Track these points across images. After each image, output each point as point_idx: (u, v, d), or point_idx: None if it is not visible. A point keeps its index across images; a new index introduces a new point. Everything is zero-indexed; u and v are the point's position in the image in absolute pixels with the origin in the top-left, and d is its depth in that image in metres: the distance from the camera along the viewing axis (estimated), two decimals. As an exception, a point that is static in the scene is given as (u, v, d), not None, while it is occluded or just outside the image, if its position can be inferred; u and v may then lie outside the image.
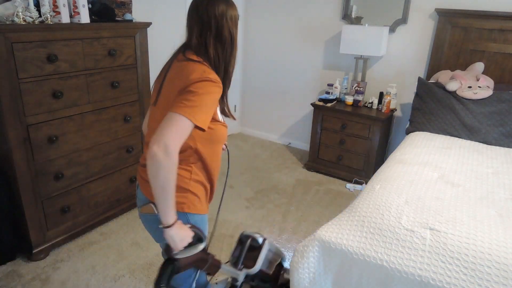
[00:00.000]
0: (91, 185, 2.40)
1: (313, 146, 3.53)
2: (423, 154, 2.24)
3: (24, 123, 1.96)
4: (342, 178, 3.42)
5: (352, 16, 3.46)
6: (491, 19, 2.79)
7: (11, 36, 1.80)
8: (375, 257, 1.47)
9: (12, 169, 1.99)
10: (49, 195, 2.18)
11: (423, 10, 3.13)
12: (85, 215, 2.43)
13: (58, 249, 2.31)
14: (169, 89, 1.20)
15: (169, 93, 1.18)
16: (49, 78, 2.02)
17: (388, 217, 1.56)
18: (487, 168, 2.10)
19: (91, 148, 2.34)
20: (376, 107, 3.30)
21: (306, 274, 1.61)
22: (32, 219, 2.12)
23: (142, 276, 2.13)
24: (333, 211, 2.88)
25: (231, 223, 2.67)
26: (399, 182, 1.84)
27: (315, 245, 1.59)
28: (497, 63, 2.86)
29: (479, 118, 2.58)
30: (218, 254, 2.33)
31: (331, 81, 3.74)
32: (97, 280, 2.08)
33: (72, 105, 2.17)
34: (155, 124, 1.19)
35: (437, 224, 1.49)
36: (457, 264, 1.36)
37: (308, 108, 3.99)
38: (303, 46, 3.84)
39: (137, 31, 2.43)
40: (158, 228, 1.14)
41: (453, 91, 2.70)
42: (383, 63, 3.43)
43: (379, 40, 3.10)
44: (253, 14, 4.07)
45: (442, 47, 3.03)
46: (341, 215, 1.68)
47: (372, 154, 3.20)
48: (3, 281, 2.04)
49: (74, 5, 2.08)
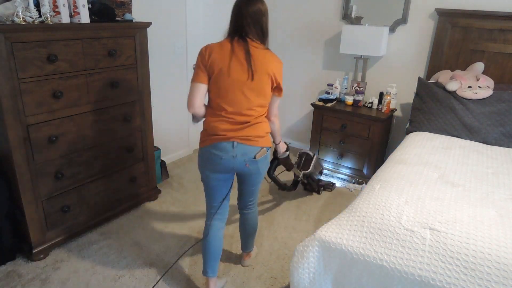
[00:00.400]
0: (91, 185, 2.40)
1: (313, 146, 3.53)
2: (423, 154, 2.24)
3: (24, 123, 1.96)
4: (342, 178, 3.42)
5: (352, 16, 3.46)
6: (491, 19, 2.79)
7: (11, 36, 1.80)
8: (375, 257, 1.47)
9: (12, 169, 2.00)
10: (49, 195, 2.18)
11: (423, 10, 3.13)
12: (85, 215, 2.43)
13: (58, 249, 2.31)
14: (262, 71, 1.68)
15: (262, 74, 1.68)
16: (49, 78, 2.02)
17: (388, 217, 1.56)
18: (487, 168, 2.10)
19: (91, 148, 2.34)
20: (376, 107, 3.30)
21: (306, 274, 1.61)
22: (32, 219, 2.12)
23: (142, 276, 2.13)
24: (333, 211, 2.88)
25: (231, 223, 2.67)
26: (399, 182, 1.84)
27: (315, 245, 1.59)
28: (497, 63, 2.86)
29: (479, 118, 2.59)
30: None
31: (331, 81, 3.74)
32: (97, 280, 2.08)
33: (72, 105, 2.17)
34: (249, 94, 1.69)
35: (437, 224, 1.49)
36: (457, 264, 1.36)
37: (308, 108, 3.99)
38: (303, 46, 3.84)
39: (137, 31, 2.43)
40: (266, 160, 1.84)
41: (453, 91, 2.70)
42: (383, 63, 3.43)
43: (379, 40, 3.10)
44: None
45: (442, 47, 3.03)
46: (341, 215, 1.68)
47: (372, 154, 3.20)
48: (3, 281, 2.04)
49: (74, 5, 2.08)
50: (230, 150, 1.70)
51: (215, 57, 1.65)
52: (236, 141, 1.70)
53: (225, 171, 1.78)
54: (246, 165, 1.76)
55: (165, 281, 2.10)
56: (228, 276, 2.15)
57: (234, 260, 2.29)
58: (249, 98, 1.69)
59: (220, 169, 1.76)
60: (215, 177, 1.80)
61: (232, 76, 1.65)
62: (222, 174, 1.80)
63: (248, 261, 2.25)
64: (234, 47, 1.66)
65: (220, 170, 1.77)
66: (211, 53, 1.66)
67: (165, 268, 2.19)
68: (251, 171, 1.80)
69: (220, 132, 1.70)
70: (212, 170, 1.78)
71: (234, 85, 1.66)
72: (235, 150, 1.71)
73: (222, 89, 1.67)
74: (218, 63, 1.65)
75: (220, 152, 1.71)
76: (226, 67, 1.65)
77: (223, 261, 2.27)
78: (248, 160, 1.75)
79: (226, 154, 1.71)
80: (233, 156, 1.72)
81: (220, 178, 1.82)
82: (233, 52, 1.65)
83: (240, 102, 1.69)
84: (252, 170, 1.80)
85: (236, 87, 1.67)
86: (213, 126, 1.71)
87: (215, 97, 1.70)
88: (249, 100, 1.69)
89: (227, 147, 1.70)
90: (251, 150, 1.74)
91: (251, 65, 1.65)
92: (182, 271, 2.18)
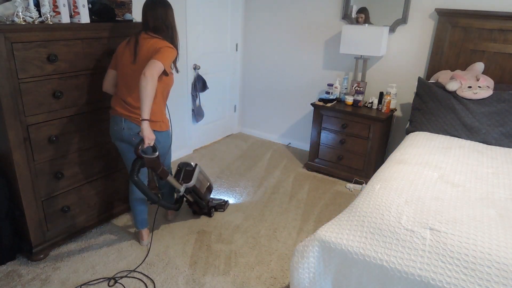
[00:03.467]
0: (91, 185, 2.40)
1: (313, 146, 3.53)
2: (423, 154, 2.24)
3: (24, 123, 1.96)
4: (342, 178, 3.42)
5: (352, 16, 3.47)
6: (491, 19, 2.79)
7: (11, 36, 1.80)
8: (375, 257, 1.48)
9: (12, 169, 2.00)
10: (49, 195, 2.18)
11: (423, 10, 3.13)
12: (85, 215, 2.43)
13: (58, 249, 2.31)
14: (145, 54, 1.97)
15: (145, 57, 1.97)
16: (49, 78, 2.02)
17: (388, 217, 1.56)
18: (487, 168, 2.10)
19: (91, 148, 2.34)
20: (376, 107, 3.30)
21: (306, 274, 1.61)
22: (32, 219, 2.12)
23: (142, 276, 2.13)
24: (333, 211, 2.88)
25: (231, 223, 2.67)
26: (399, 182, 1.84)
27: (315, 245, 1.59)
28: (497, 63, 2.86)
29: (479, 118, 2.59)
30: (219, 254, 2.33)
31: (331, 81, 3.75)
32: (97, 280, 2.08)
33: (72, 105, 2.17)
34: (131, 78, 2.03)
35: (437, 224, 1.49)
36: (457, 264, 1.36)
37: (308, 108, 3.99)
38: (303, 46, 3.84)
39: (137, 31, 2.42)
40: (139, 137, 2.03)
41: (453, 91, 2.70)
42: (383, 63, 3.43)
43: (379, 40, 3.10)
44: (253, 14, 4.07)
45: (442, 47, 3.03)
46: (341, 215, 1.68)
47: (372, 154, 3.20)
48: (3, 281, 2.04)
49: (74, 5, 2.08)
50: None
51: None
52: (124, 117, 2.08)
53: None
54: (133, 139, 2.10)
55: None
56: (228, 276, 2.15)
57: (211, 261, 2.29)
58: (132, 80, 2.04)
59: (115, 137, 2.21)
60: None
61: (123, 62, 2.05)
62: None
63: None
64: (130, 39, 2.10)
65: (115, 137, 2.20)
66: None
67: (165, 268, 2.20)
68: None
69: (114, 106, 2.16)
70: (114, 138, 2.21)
71: (124, 68, 2.06)
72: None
73: (118, 72, 2.12)
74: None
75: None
76: (121, 54, 2.10)
77: (222, 260, 2.27)
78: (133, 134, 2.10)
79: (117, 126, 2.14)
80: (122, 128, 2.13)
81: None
82: (128, 43, 2.07)
83: (126, 83, 2.08)
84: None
85: (124, 71, 2.06)
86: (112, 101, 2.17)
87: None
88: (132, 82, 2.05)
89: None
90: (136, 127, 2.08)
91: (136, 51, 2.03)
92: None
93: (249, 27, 4.16)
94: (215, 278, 2.13)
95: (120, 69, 2.07)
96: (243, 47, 4.26)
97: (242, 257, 2.32)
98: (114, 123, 2.12)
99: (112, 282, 2.06)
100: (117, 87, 2.12)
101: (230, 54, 4.13)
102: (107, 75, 2.15)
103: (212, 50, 3.84)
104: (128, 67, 2.03)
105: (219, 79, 4.03)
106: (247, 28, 4.17)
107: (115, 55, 2.12)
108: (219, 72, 4.02)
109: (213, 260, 2.28)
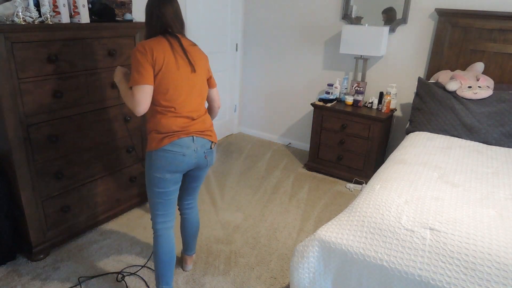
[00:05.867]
0: (91, 185, 2.40)
1: (313, 146, 3.53)
2: (423, 154, 2.24)
3: (24, 123, 1.96)
4: (342, 178, 3.42)
5: (352, 16, 3.46)
6: (491, 19, 2.79)
7: (11, 36, 1.80)
8: (375, 257, 1.48)
9: (12, 169, 1.99)
10: (49, 195, 2.18)
11: (423, 10, 3.13)
12: (85, 215, 2.43)
13: (58, 249, 2.31)
14: (201, 66, 1.77)
15: (201, 69, 1.77)
16: (49, 78, 2.02)
17: (388, 217, 1.56)
18: (487, 168, 2.10)
19: (91, 148, 2.34)
20: (376, 107, 3.30)
21: (306, 274, 1.61)
22: (32, 219, 2.12)
23: (142, 276, 2.13)
24: (333, 211, 2.88)
25: (231, 223, 2.67)
26: (399, 182, 1.84)
27: (315, 245, 1.59)
28: (497, 63, 2.86)
29: (479, 118, 2.59)
30: (219, 254, 2.33)
31: (331, 81, 3.75)
32: (97, 280, 2.08)
33: (72, 105, 2.17)
34: (192, 88, 1.74)
35: (437, 224, 1.49)
36: (457, 264, 1.36)
37: (308, 108, 3.99)
38: (303, 46, 3.84)
39: (137, 31, 2.43)
40: (210, 152, 1.83)
41: (453, 91, 2.70)
42: (383, 63, 3.43)
43: (379, 40, 3.10)
44: (252, 14, 4.07)
45: (442, 47, 3.03)
46: (341, 215, 1.68)
47: (372, 154, 3.20)
48: (3, 281, 2.04)
49: (74, 5, 2.08)
50: (191, 144, 1.72)
51: (158, 55, 1.62)
52: (195, 135, 1.74)
53: (187, 169, 1.77)
54: (205, 157, 1.80)
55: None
56: (228, 276, 2.15)
57: (211, 262, 2.29)
58: (195, 92, 1.75)
59: (183, 167, 1.74)
60: (173, 179, 1.75)
61: (181, 71, 1.68)
62: (180, 173, 1.77)
63: (191, 265, 2.19)
64: (171, 43, 1.69)
65: (182, 168, 1.74)
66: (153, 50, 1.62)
67: (165, 268, 2.19)
68: (208, 162, 1.85)
69: (177, 128, 1.70)
70: (173, 171, 1.72)
71: (183, 80, 1.70)
72: (195, 144, 1.74)
73: (172, 85, 1.67)
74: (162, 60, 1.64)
75: (181, 148, 1.70)
76: (173, 63, 1.66)
77: (222, 261, 2.27)
78: (206, 151, 1.80)
79: (188, 149, 1.72)
80: (194, 150, 1.74)
81: (177, 180, 1.78)
82: (173, 48, 1.68)
83: (190, 97, 1.73)
84: (209, 161, 1.85)
85: (185, 82, 1.71)
86: (165, 124, 1.69)
87: (162, 94, 1.67)
88: (196, 94, 1.76)
89: (188, 142, 1.72)
90: (207, 142, 1.80)
91: (190, 60, 1.72)
92: (181, 271, 2.18)
93: (249, 27, 4.16)
94: (215, 278, 2.13)
95: (174, 81, 1.66)
96: (243, 47, 4.26)
97: (242, 257, 2.32)
98: (179, 148, 1.68)
99: (112, 281, 2.06)
100: (165, 105, 1.68)
101: (230, 54, 4.13)
102: (145, 92, 1.60)
103: (212, 50, 3.84)
104: (187, 78, 1.70)
105: (219, 79, 4.03)
106: (247, 28, 4.17)
107: (149, 68, 1.60)
108: (219, 72, 4.02)
109: (213, 260, 2.28)
